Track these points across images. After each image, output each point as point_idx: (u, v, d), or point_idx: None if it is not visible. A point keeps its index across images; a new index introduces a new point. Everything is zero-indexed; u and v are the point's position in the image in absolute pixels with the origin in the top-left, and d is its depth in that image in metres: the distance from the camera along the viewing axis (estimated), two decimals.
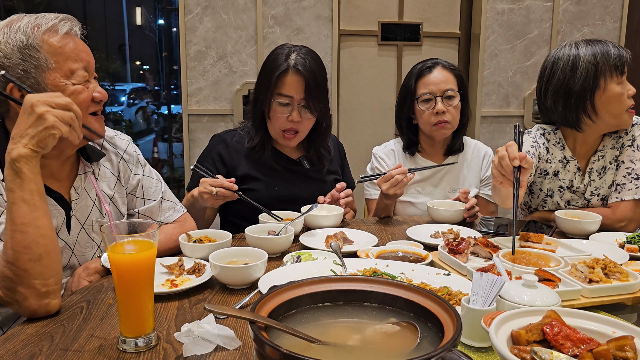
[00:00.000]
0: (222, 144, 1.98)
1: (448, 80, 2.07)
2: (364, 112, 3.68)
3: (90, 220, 1.45)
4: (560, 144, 1.95)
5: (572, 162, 1.94)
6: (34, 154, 1.12)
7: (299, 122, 1.87)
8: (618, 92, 1.79)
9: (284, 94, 1.84)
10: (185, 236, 1.50)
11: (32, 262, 1.09)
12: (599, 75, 1.78)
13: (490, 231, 1.75)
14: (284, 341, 0.72)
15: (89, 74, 1.32)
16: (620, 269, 1.25)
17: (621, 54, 1.79)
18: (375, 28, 3.58)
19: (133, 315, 0.98)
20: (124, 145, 1.58)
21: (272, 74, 1.84)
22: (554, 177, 1.95)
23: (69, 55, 1.27)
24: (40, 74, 1.25)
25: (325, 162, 2.04)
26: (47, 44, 1.25)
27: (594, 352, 0.74)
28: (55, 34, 1.26)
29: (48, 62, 1.25)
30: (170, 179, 4.81)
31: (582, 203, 1.96)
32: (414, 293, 0.80)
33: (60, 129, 1.13)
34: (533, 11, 3.56)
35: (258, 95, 1.92)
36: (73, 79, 1.28)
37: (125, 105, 6.03)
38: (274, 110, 1.87)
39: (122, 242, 0.98)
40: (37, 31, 1.25)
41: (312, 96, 1.84)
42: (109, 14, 5.88)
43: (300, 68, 1.83)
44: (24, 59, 1.24)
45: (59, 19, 1.29)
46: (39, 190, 1.13)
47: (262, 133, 1.95)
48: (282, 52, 1.87)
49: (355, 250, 1.50)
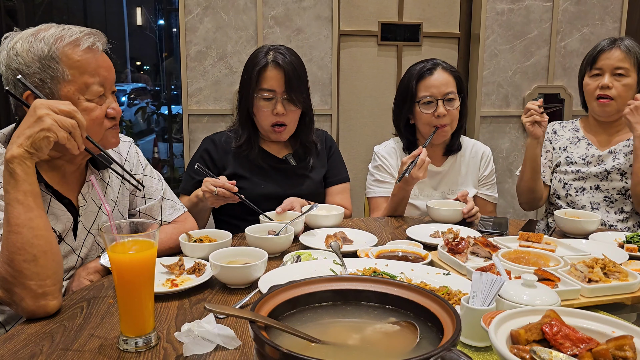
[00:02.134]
0: (211, 144, 2.03)
1: (448, 82, 2.07)
2: (364, 112, 3.68)
3: (97, 225, 1.47)
4: (574, 129, 2.27)
5: (583, 141, 2.21)
6: (27, 155, 1.11)
7: (285, 115, 1.92)
8: (586, 83, 2.15)
9: (265, 88, 1.89)
10: (185, 236, 1.50)
11: (27, 263, 1.09)
12: (583, 68, 2.18)
13: (490, 231, 1.75)
14: (284, 341, 0.72)
15: (105, 89, 1.33)
16: (619, 269, 1.25)
17: (592, 52, 2.13)
18: (375, 28, 3.58)
19: (133, 314, 0.98)
20: (125, 148, 1.59)
21: (253, 70, 1.90)
22: (562, 150, 2.24)
23: (86, 69, 1.28)
24: (56, 85, 1.26)
25: (310, 157, 2.05)
26: (66, 56, 1.26)
27: (594, 351, 0.75)
28: (76, 47, 1.27)
29: (65, 74, 1.26)
30: (171, 179, 4.81)
31: (596, 171, 2.14)
32: (414, 293, 0.80)
33: (57, 134, 1.12)
34: (533, 11, 3.56)
35: (242, 94, 1.98)
36: (87, 94, 1.29)
37: (126, 106, 6.03)
38: (258, 107, 1.92)
39: (122, 242, 0.98)
40: (59, 43, 1.25)
41: (293, 88, 1.90)
42: (109, 14, 5.88)
43: (280, 62, 1.89)
44: (42, 69, 1.25)
45: (84, 33, 1.29)
46: (33, 191, 1.13)
47: (248, 131, 2.00)
48: (261, 51, 1.94)
49: (355, 250, 1.50)
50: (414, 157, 1.88)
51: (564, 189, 2.19)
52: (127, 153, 1.58)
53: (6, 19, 3.82)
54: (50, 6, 4.80)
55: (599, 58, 2.10)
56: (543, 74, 3.63)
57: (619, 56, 2.06)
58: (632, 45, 2.07)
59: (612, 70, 2.07)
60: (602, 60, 2.09)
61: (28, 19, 4.21)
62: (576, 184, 2.17)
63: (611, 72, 2.07)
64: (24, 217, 1.10)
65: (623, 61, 2.05)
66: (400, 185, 1.94)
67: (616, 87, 2.06)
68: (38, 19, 4.55)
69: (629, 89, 2.07)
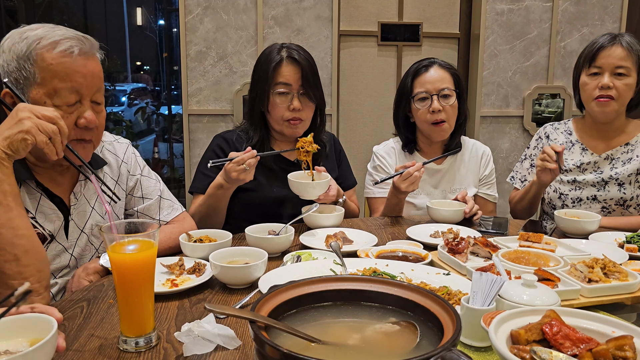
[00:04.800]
0: (223, 142, 2.01)
1: (444, 79, 2.07)
2: (364, 112, 3.69)
3: (90, 224, 1.46)
4: (567, 132, 2.15)
5: (577, 145, 2.10)
6: (4, 156, 1.11)
7: (301, 110, 1.90)
8: (584, 82, 2.01)
9: (282, 82, 1.88)
10: (185, 236, 1.50)
11: (9, 263, 1.09)
12: (580, 65, 2.04)
13: (490, 231, 1.75)
14: (284, 341, 0.72)
15: (81, 96, 1.28)
16: (619, 269, 1.25)
17: (590, 48, 1.99)
18: (375, 28, 3.59)
19: (133, 314, 0.98)
20: (123, 149, 1.59)
21: (268, 67, 1.88)
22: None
23: (57, 73, 1.23)
24: (27, 86, 1.24)
25: (320, 160, 2.05)
26: (41, 58, 1.23)
27: (594, 351, 0.75)
28: (51, 50, 1.23)
29: (36, 76, 1.23)
30: (171, 179, 4.81)
31: (592, 180, 2.03)
32: (414, 292, 0.80)
33: (35, 137, 1.12)
34: (532, 11, 3.56)
35: (254, 93, 1.95)
36: (55, 99, 1.24)
37: (126, 106, 6.03)
38: (274, 103, 1.90)
39: (122, 242, 0.98)
40: (37, 44, 1.23)
41: (309, 83, 1.89)
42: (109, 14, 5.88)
43: (296, 56, 1.89)
44: (18, 69, 1.23)
45: (64, 37, 1.25)
46: (12, 192, 1.13)
47: (260, 134, 1.97)
48: (274, 48, 1.93)
49: (355, 250, 1.50)
50: (405, 167, 1.89)
51: (560, 199, 2.10)
52: (124, 154, 1.58)
53: (6, 19, 3.82)
54: (50, 6, 4.80)
55: (598, 55, 1.95)
56: (543, 74, 3.63)
57: (620, 54, 1.92)
58: (633, 43, 1.93)
59: (613, 70, 1.93)
60: (602, 58, 1.94)
61: (28, 19, 4.22)
62: (572, 194, 2.06)
63: (611, 72, 1.93)
64: (4, 217, 1.11)
65: (624, 60, 1.92)
66: (392, 190, 1.95)
67: (617, 86, 1.93)
68: (38, 19, 4.54)
69: (629, 88, 1.94)
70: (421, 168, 1.88)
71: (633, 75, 1.94)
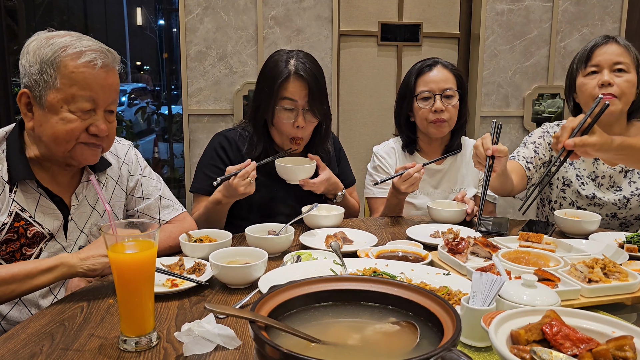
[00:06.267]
0: (225, 141, 1.98)
1: (448, 79, 2.07)
2: (364, 112, 3.69)
3: (90, 225, 1.47)
4: None
5: None
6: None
7: (304, 127, 1.88)
8: (582, 83, 1.89)
9: (288, 97, 1.83)
10: (185, 236, 1.50)
11: None
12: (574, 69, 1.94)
13: (490, 231, 1.75)
14: (284, 341, 0.72)
15: (97, 106, 1.32)
16: (619, 269, 1.25)
17: (584, 49, 1.90)
18: (375, 28, 3.59)
19: (133, 314, 0.99)
20: (124, 150, 1.60)
21: (275, 82, 1.83)
22: (569, 165, 1.99)
23: (78, 82, 1.28)
24: (45, 90, 1.27)
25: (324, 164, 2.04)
26: (64, 65, 1.27)
27: (594, 351, 0.74)
28: (76, 59, 1.27)
29: (56, 81, 1.27)
30: (171, 179, 4.81)
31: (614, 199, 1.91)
32: (414, 293, 0.80)
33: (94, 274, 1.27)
34: (532, 11, 3.56)
35: (259, 103, 1.91)
36: (72, 106, 1.28)
37: (126, 105, 6.03)
38: (279, 117, 1.87)
39: (122, 242, 0.98)
40: (62, 52, 1.27)
41: (315, 100, 1.85)
42: (109, 14, 5.87)
43: (302, 73, 1.82)
44: (40, 72, 1.27)
45: (90, 48, 1.30)
46: None
47: (263, 143, 1.94)
48: (280, 59, 1.86)
49: (355, 250, 1.50)
50: (405, 168, 1.89)
51: None
52: (125, 155, 1.59)
53: (6, 19, 3.82)
54: (51, 6, 4.80)
55: (594, 54, 1.85)
56: (543, 74, 3.63)
57: (616, 50, 1.82)
58: (628, 43, 1.85)
59: (611, 66, 1.81)
60: (598, 56, 1.84)
61: (28, 19, 4.21)
62: (591, 209, 1.93)
63: (610, 68, 1.82)
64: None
65: (622, 55, 1.82)
66: (392, 191, 1.95)
67: (618, 83, 1.80)
68: (38, 19, 4.55)
69: (632, 85, 1.81)
70: (421, 169, 1.89)
71: (633, 72, 1.83)
